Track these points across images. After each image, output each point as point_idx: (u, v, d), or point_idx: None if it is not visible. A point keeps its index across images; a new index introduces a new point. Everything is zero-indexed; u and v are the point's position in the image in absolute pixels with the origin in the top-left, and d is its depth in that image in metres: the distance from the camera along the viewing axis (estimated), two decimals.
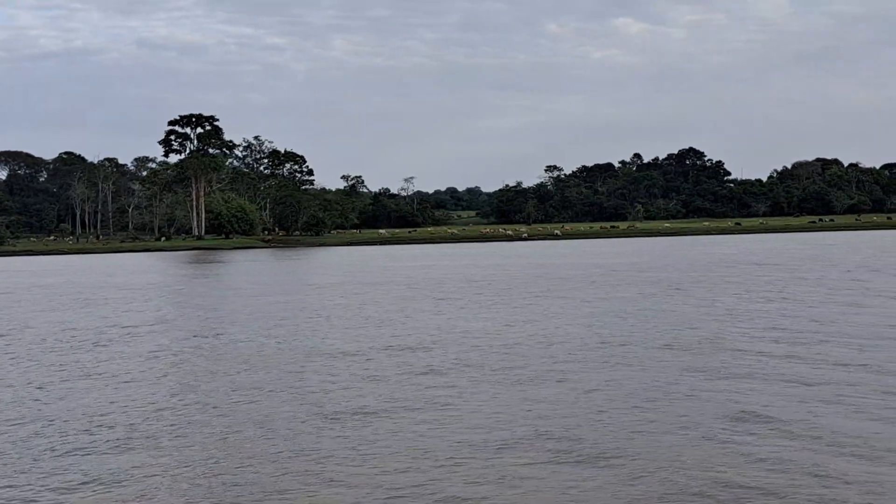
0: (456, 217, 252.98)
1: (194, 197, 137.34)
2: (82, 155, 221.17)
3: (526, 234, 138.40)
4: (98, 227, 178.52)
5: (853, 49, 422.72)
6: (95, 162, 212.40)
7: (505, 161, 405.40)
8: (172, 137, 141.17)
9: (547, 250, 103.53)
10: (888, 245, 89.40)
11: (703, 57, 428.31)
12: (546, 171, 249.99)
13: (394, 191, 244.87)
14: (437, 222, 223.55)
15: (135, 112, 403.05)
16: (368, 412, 17.53)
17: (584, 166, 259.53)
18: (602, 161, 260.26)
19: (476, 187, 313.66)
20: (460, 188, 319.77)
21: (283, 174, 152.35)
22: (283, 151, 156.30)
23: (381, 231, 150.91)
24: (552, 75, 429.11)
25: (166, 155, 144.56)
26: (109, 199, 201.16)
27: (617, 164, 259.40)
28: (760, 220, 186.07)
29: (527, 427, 15.94)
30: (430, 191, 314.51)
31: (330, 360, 24.07)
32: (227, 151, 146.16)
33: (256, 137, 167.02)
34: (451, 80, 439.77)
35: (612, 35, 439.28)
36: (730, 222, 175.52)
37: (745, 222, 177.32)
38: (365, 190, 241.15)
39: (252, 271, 72.83)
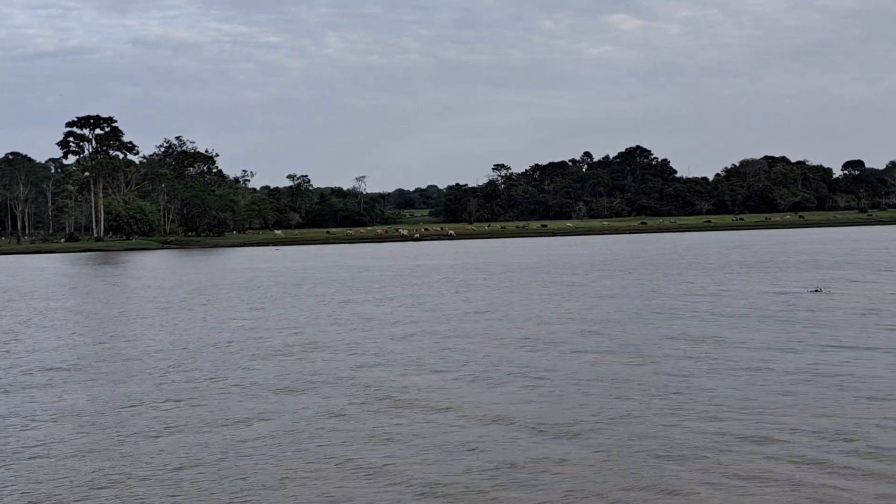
0: (408, 216, 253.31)
1: (92, 198, 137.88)
2: (28, 155, 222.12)
3: (418, 236, 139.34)
4: (26, 227, 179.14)
5: (845, 44, 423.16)
6: (41, 162, 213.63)
7: (493, 157, 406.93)
8: (71, 139, 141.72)
9: (411, 251, 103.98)
10: (731, 245, 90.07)
11: (699, 52, 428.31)
12: (494, 169, 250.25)
13: (359, 189, 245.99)
14: (386, 221, 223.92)
15: (129, 110, 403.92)
16: None
17: (536, 164, 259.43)
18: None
19: (456, 184, 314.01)
20: (441, 185, 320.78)
21: (192, 174, 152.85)
22: (192, 152, 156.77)
23: (276, 232, 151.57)
24: (546, 72, 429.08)
25: (65, 156, 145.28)
26: (49, 199, 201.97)
27: (568, 162, 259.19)
28: (661, 220, 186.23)
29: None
30: (412, 188, 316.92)
31: None
32: (127, 153, 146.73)
33: (178, 137, 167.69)
34: (446, 76, 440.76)
35: (607, 31, 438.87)
36: (636, 222, 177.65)
37: (651, 221, 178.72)
38: (312, 188, 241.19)
39: (81, 278, 73.42)
